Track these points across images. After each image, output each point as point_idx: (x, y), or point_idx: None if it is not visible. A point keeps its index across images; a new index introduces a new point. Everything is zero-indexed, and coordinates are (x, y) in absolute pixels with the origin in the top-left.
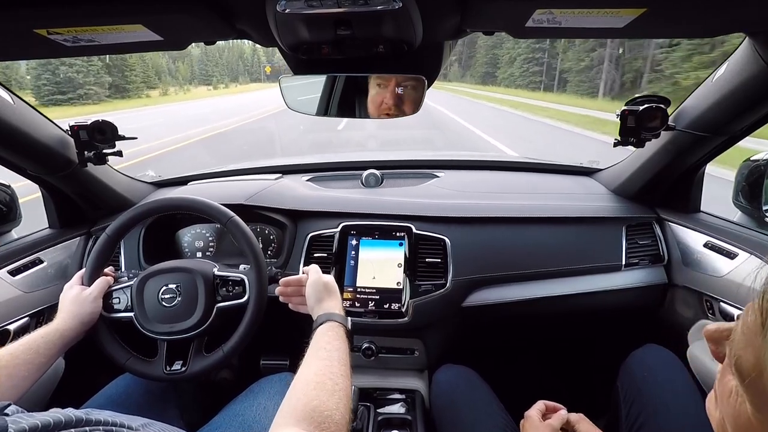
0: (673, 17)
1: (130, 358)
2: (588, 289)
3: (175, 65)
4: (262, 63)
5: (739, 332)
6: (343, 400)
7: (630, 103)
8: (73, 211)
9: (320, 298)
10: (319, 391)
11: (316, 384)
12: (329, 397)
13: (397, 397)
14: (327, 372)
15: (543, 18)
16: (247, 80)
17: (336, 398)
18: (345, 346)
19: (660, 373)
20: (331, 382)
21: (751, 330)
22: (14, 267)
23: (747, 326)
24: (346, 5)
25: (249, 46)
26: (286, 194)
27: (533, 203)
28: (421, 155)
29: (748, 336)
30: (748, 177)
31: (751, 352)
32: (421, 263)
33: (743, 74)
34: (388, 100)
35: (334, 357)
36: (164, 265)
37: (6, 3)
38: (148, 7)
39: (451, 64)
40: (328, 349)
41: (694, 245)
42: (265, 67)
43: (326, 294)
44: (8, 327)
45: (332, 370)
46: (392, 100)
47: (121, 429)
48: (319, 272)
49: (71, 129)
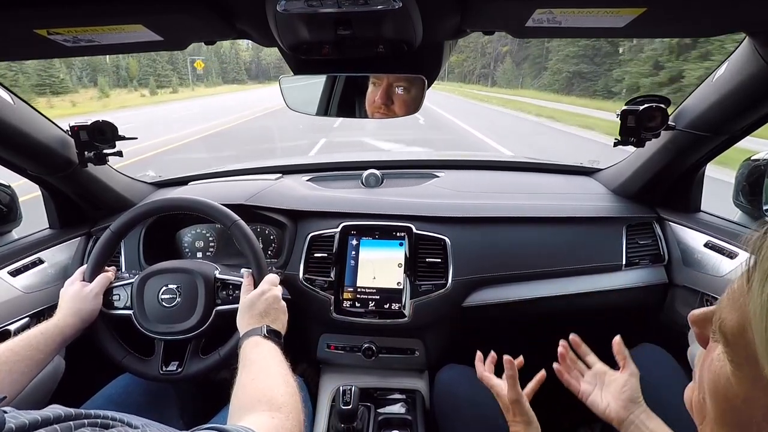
0: (673, 17)
1: (126, 355)
2: (588, 288)
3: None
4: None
5: (725, 302)
6: (290, 383)
7: (630, 102)
8: (73, 211)
9: (259, 314)
10: (264, 380)
11: (256, 377)
12: (275, 381)
13: (398, 397)
14: (265, 366)
15: (543, 18)
16: (219, 82)
17: (282, 381)
18: (279, 357)
19: (659, 372)
20: (275, 369)
21: (737, 293)
22: (14, 267)
23: (733, 292)
24: (346, 5)
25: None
26: (287, 194)
27: (533, 203)
28: (421, 155)
29: (733, 300)
30: (749, 176)
31: (735, 312)
32: (422, 263)
33: (743, 74)
34: (381, 98)
35: (269, 358)
36: (166, 265)
37: (6, 3)
38: (148, 7)
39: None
40: (259, 358)
41: (695, 245)
42: (194, 62)
43: (269, 310)
44: (9, 327)
45: (269, 364)
46: (385, 100)
47: (119, 423)
48: (274, 284)
49: (71, 129)
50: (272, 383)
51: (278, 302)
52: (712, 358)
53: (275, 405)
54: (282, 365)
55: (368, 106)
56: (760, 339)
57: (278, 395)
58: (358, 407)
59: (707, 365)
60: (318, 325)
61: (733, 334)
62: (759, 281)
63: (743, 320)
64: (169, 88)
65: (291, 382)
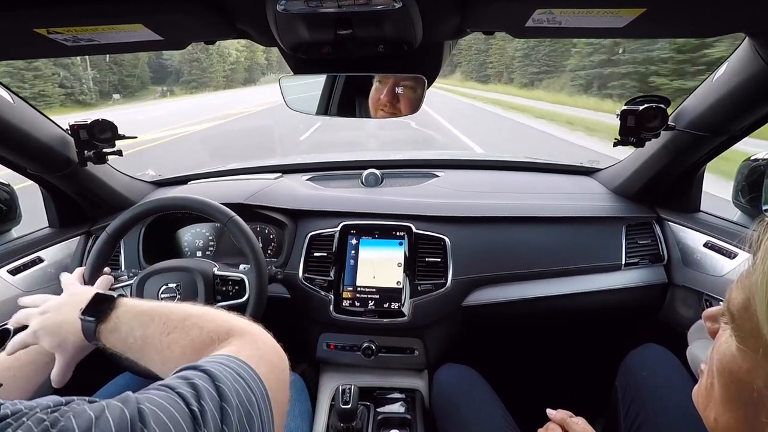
0: (673, 17)
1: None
2: (588, 288)
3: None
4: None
5: (733, 286)
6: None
7: (630, 102)
8: (73, 210)
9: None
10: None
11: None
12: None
13: (397, 396)
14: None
15: (543, 18)
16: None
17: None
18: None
19: (659, 372)
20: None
21: (743, 276)
22: (14, 266)
23: (741, 277)
24: (346, 5)
25: None
26: (286, 193)
27: (533, 203)
28: (421, 155)
29: (741, 282)
30: (748, 176)
31: (741, 291)
32: (421, 263)
33: (743, 74)
34: (387, 96)
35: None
36: (164, 265)
37: (6, 3)
38: (147, 6)
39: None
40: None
41: (694, 245)
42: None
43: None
44: (8, 326)
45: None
46: (391, 99)
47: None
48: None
49: (71, 128)
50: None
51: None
52: (720, 342)
53: (236, 333)
54: (165, 317)
55: (372, 104)
56: (762, 308)
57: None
58: (358, 406)
59: (716, 349)
60: (317, 325)
61: (739, 310)
62: (762, 258)
63: (748, 296)
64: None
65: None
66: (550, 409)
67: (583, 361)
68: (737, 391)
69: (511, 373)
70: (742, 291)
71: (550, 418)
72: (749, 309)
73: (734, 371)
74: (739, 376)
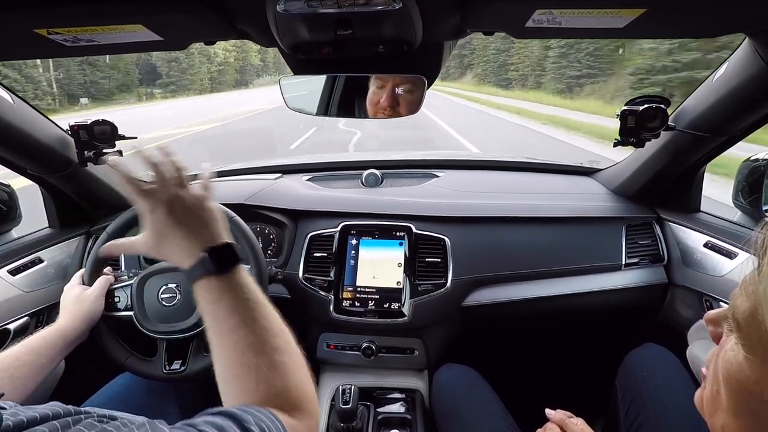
0: (673, 17)
1: (129, 357)
2: (588, 288)
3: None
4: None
5: (737, 293)
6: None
7: (630, 103)
8: (73, 210)
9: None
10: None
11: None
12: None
13: (397, 396)
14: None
15: (543, 18)
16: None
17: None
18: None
19: (659, 372)
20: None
21: (748, 282)
22: (14, 266)
23: (745, 283)
24: (346, 5)
25: None
26: (286, 194)
27: (533, 203)
28: (420, 155)
29: (746, 288)
30: (748, 176)
31: (747, 298)
32: (421, 263)
33: (743, 74)
34: (387, 101)
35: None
36: (164, 265)
37: (6, 3)
38: (148, 7)
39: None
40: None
41: (694, 245)
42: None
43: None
44: (8, 326)
45: (243, 335)
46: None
47: (114, 421)
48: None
49: (71, 128)
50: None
51: (198, 201)
52: (726, 350)
53: (289, 404)
54: (264, 330)
55: (370, 106)
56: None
57: (291, 389)
58: (358, 406)
59: (721, 357)
60: (317, 325)
61: (745, 318)
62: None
63: (754, 304)
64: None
65: (297, 361)
66: (548, 410)
67: (583, 361)
68: (745, 400)
69: (511, 373)
70: (747, 299)
71: (548, 418)
72: (756, 317)
73: (742, 381)
74: (747, 386)
